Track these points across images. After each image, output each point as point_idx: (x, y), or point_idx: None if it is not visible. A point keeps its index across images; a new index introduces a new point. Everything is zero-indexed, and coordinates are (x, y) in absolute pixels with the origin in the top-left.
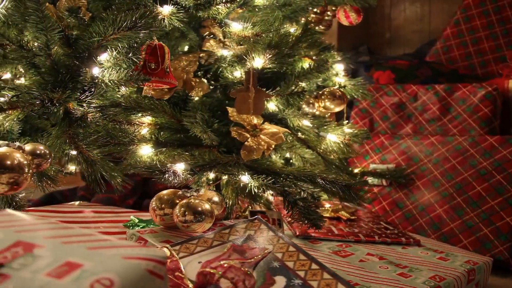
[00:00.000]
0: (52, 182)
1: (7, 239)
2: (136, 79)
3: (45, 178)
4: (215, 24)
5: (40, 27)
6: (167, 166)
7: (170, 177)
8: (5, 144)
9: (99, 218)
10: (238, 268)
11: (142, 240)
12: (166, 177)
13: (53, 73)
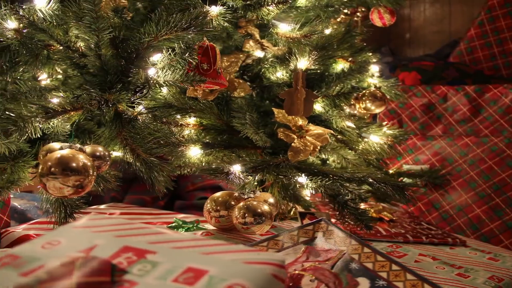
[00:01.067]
0: (106, 184)
1: (111, 245)
2: (192, 80)
3: (100, 180)
4: (250, 25)
5: (93, 28)
6: (229, 168)
7: (234, 179)
8: (67, 146)
9: (142, 220)
10: (326, 269)
11: None
12: (230, 179)
13: (101, 74)
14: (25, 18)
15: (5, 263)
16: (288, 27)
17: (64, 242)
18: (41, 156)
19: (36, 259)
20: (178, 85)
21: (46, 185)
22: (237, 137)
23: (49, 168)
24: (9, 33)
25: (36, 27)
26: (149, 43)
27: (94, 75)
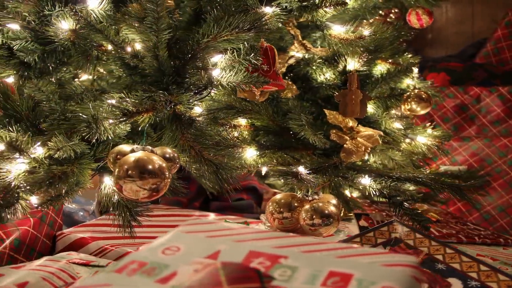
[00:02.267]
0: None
1: (236, 250)
2: (256, 81)
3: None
4: (291, 25)
5: (154, 28)
6: (298, 169)
7: (302, 181)
8: (140, 148)
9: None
10: (426, 271)
11: None
12: (298, 180)
13: (158, 75)
14: (82, 19)
15: (133, 269)
16: (342, 29)
17: (184, 248)
18: (111, 158)
19: (165, 266)
20: (241, 86)
21: (122, 188)
22: (286, 138)
23: (126, 171)
24: (62, 34)
25: (93, 28)
26: (206, 43)
27: (144, 75)
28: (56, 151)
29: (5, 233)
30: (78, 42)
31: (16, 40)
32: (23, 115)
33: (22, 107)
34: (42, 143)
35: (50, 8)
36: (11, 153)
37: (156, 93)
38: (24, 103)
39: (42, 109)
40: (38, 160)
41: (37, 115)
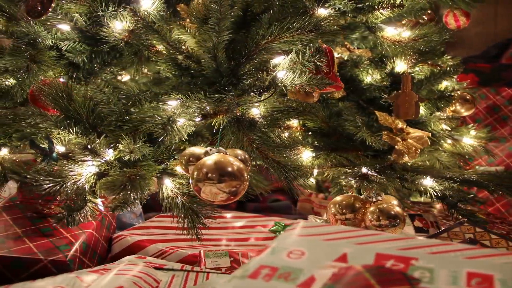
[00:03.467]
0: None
1: (362, 253)
2: (320, 83)
3: None
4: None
5: (216, 29)
6: (363, 170)
7: (371, 182)
8: (215, 150)
9: (244, 223)
10: None
11: None
12: (368, 182)
13: (216, 76)
14: (141, 19)
15: (268, 274)
16: (394, 31)
17: (308, 252)
18: (183, 160)
19: (299, 270)
20: (305, 87)
21: (201, 190)
22: (335, 139)
23: (205, 174)
24: (117, 34)
25: (151, 28)
26: (265, 44)
27: (195, 76)
28: (130, 154)
29: (73, 236)
30: (133, 42)
31: (64, 41)
32: (83, 117)
33: (83, 109)
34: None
35: (104, 9)
36: (84, 156)
37: (227, 94)
38: (86, 104)
39: (101, 111)
40: (108, 162)
41: (96, 117)
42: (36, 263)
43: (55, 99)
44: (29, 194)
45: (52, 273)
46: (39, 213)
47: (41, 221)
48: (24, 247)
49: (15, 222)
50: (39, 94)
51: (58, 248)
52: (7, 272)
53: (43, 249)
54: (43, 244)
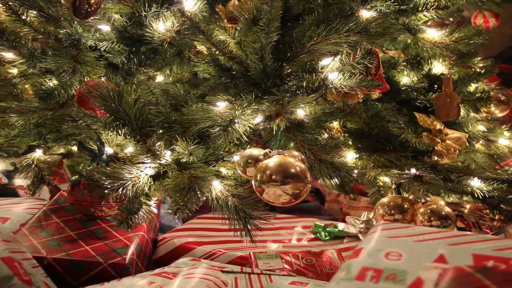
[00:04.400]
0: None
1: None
2: (370, 84)
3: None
4: None
5: (266, 30)
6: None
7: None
8: (275, 152)
9: (282, 225)
10: None
11: None
12: (422, 183)
13: (262, 77)
14: (188, 20)
15: (374, 276)
16: (436, 33)
17: (404, 253)
18: (241, 162)
19: (403, 272)
20: (355, 89)
21: (264, 191)
22: (374, 140)
23: (269, 176)
24: (159, 34)
25: (198, 29)
26: (311, 46)
27: (236, 77)
28: (189, 155)
29: (127, 239)
30: (176, 42)
31: (102, 41)
32: (131, 118)
33: (132, 110)
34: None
35: (147, 9)
36: (146, 157)
37: (284, 95)
38: (136, 105)
39: (149, 112)
40: (166, 165)
41: (144, 119)
42: (96, 266)
43: (105, 100)
44: (82, 197)
45: (111, 276)
46: (89, 216)
47: (91, 224)
48: (81, 250)
49: (66, 224)
50: (87, 95)
51: (115, 251)
52: (67, 275)
53: (100, 252)
54: (100, 247)
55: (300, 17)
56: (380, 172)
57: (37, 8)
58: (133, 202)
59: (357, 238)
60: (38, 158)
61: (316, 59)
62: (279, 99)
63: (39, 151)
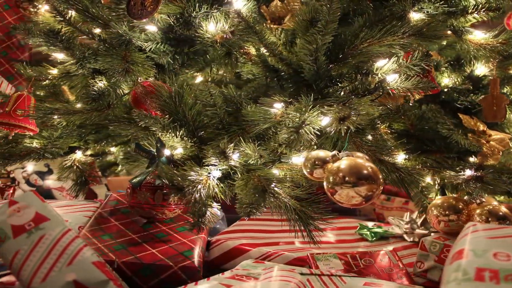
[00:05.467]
0: None
1: None
2: (427, 86)
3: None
4: None
5: (323, 31)
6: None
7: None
8: (345, 154)
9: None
10: None
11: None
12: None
13: (314, 78)
14: (243, 21)
15: (492, 277)
16: (482, 34)
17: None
18: (308, 164)
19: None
20: (412, 91)
21: (337, 192)
22: (418, 141)
23: (343, 177)
24: (209, 35)
25: (252, 29)
26: (363, 47)
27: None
28: (259, 158)
29: (191, 242)
30: (226, 43)
31: (147, 42)
32: (189, 120)
33: (190, 112)
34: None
35: (197, 9)
36: (218, 160)
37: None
38: (195, 107)
39: (205, 114)
40: (235, 166)
41: (202, 120)
42: (166, 269)
43: (165, 101)
44: (144, 199)
45: (181, 279)
46: (148, 218)
47: (151, 226)
48: (148, 253)
49: (126, 227)
50: (143, 96)
51: (182, 254)
52: (137, 278)
53: (168, 255)
54: (166, 250)
55: (348, 18)
56: (428, 172)
57: (82, 8)
58: (203, 204)
59: (402, 239)
60: (79, 159)
61: (371, 61)
62: (342, 100)
63: (79, 152)
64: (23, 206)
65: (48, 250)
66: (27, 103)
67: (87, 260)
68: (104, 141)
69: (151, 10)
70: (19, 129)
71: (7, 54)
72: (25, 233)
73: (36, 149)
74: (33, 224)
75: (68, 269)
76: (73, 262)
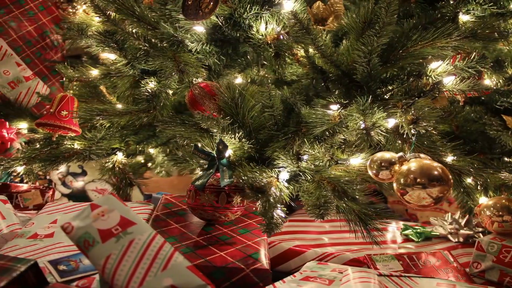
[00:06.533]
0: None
1: None
2: (481, 88)
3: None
4: None
5: (379, 34)
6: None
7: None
8: (412, 156)
9: None
10: None
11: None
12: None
13: (367, 80)
14: (299, 22)
15: None
16: None
17: None
18: (374, 166)
19: None
20: (465, 92)
21: (407, 193)
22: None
23: (414, 179)
24: (259, 35)
25: (307, 31)
26: (414, 49)
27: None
28: (330, 160)
29: (256, 244)
30: (277, 44)
31: (193, 42)
32: (248, 121)
33: (250, 113)
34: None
35: (248, 10)
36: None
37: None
38: (255, 108)
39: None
40: (302, 169)
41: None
42: (238, 272)
43: (226, 103)
44: (208, 202)
45: (253, 282)
46: (209, 220)
47: (211, 229)
48: (217, 256)
49: (187, 230)
50: (201, 97)
51: (251, 256)
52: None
53: (237, 258)
54: (233, 253)
55: (397, 20)
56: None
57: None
58: (274, 207)
59: (446, 239)
60: (120, 160)
61: (424, 63)
62: (407, 103)
63: (119, 154)
64: (106, 210)
65: (140, 255)
66: (71, 104)
67: (181, 265)
68: (145, 142)
69: (209, 11)
70: (63, 130)
71: (41, 55)
72: (114, 238)
73: (81, 151)
74: (120, 228)
75: (164, 274)
76: (167, 267)
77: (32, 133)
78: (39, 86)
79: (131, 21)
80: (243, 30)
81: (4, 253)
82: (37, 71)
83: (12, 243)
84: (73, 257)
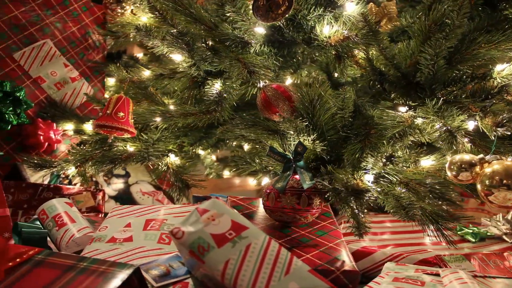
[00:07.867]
0: None
1: None
2: None
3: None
4: None
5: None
6: None
7: None
8: (494, 158)
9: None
10: None
11: None
12: None
13: (430, 82)
14: (367, 25)
15: None
16: None
17: None
18: (454, 167)
19: None
20: None
21: (492, 194)
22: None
23: (500, 180)
24: (323, 37)
25: (375, 33)
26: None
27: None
28: (414, 162)
29: (337, 245)
30: (338, 46)
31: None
32: (322, 124)
33: (325, 116)
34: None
35: (312, 11)
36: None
37: (491, 103)
38: (331, 110)
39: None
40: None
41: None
42: (329, 274)
43: (303, 105)
44: (290, 204)
45: (343, 284)
46: (288, 223)
47: (289, 231)
48: (304, 259)
49: (266, 232)
50: (276, 99)
51: (337, 258)
52: None
53: (325, 260)
54: (318, 255)
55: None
56: None
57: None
58: (362, 209)
59: (501, 240)
60: (173, 162)
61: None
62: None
63: (172, 155)
64: (216, 214)
65: (260, 260)
66: (127, 106)
67: (302, 269)
68: (198, 143)
69: (282, 12)
70: (119, 131)
71: (84, 56)
72: (229, 242)
73: (139, 152)
74: (234, 233)
75: (287, 278)
76: (289, 272)
77: (78, 135)
78: (84, 87)
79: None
80: (304, 32)
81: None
82: (81, 71)
83: (92, 247)
84: (163, 262)
